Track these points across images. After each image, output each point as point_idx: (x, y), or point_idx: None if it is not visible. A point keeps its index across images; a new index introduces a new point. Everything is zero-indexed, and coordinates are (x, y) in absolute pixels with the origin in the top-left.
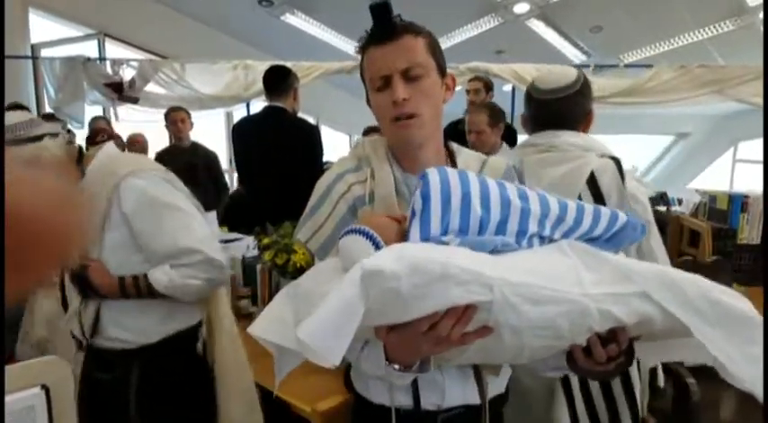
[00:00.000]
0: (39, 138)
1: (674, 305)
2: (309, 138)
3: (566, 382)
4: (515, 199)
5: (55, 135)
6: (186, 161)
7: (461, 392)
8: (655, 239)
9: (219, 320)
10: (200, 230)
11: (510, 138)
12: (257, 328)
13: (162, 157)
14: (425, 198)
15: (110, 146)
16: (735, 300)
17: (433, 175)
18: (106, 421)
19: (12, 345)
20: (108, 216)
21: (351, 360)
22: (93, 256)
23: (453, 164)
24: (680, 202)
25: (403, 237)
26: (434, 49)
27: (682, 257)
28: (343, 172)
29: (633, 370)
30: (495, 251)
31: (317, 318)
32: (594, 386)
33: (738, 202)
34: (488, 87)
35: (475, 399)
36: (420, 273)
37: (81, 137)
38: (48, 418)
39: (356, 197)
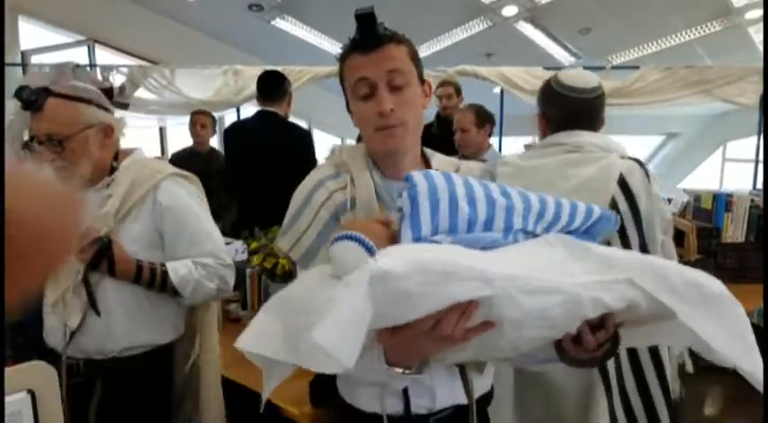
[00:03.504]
0: (110, 111)
1: (658, 289)
2: (303, 142)
3: (605, 376)
4: (499, 196)
5: (122, 121)
6: (200, 167)
7: (450, 393)
8: (670, 238)
9: (204, 336)
10: (220, 242)
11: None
12: (245, 342)
13: (176, 161)
14: (413, 200)
15: (141, 152)
16: (707, 280)
17: (419, 177)
18: None
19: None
20: (140, 208)
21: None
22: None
23: (428, 168)
24: (669, 201)
25: (392, 240)
26: (415, 56)
27: None
28: (323, 179)
29: (665, 358)
30: (484, 248)
31: (331, 321)
32: (629, 378)
33: (722, 202)
34: (458, 91)
35: (463, 398)
36: (425, 272)
37: None
38: None
39: (338, 204)
